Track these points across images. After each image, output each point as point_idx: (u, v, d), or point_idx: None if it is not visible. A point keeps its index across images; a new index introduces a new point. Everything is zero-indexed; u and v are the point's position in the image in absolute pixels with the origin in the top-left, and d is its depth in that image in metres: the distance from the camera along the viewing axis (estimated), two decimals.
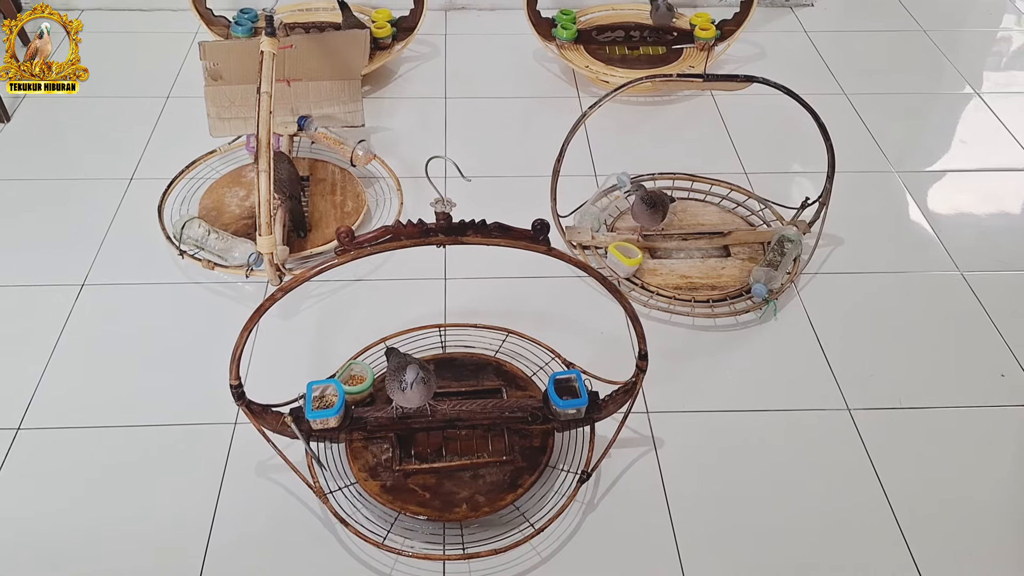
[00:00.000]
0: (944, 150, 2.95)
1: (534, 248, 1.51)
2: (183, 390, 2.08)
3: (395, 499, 1.80)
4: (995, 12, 3.78)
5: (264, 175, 2.07)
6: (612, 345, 2.22)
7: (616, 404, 1.85)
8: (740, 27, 3.20)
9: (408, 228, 1.47)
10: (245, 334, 1.58)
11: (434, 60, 3.33)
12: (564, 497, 1.85)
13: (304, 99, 2.64)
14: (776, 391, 2.13)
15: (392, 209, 2.59)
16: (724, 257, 2.46)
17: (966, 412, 2.09)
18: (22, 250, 2.43)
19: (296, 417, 1.77)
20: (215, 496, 1.87)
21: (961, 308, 2.36)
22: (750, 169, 2.79)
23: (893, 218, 2.65)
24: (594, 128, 2.91)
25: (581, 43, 3.24)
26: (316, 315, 2.28)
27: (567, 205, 2.51)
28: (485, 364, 2.10)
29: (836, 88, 3.22)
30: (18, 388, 2.07)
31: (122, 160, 2.74)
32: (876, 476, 1.95)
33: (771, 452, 2.00)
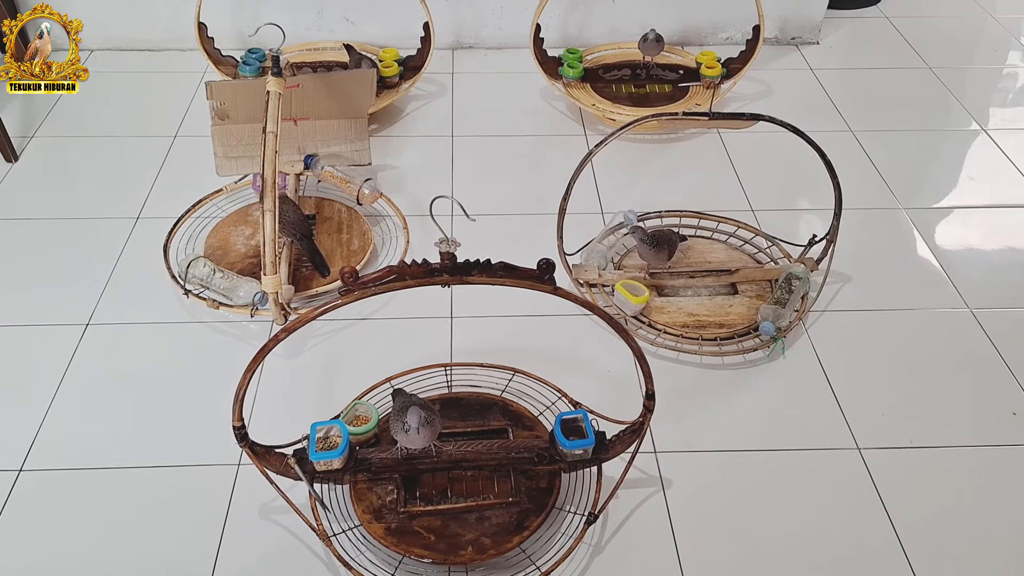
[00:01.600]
0: (952, 186, 2.95)
1: (540, 288, 1.50)
2: (187, 431, 2.07)
3: (400, 542, 1.78)
4: (1001, 49, 3.79)
5: (269, 214, 2.07)
6: (619, 384, 2.20)
7: (623, 444, 1.83)
8: (746, 65, 3.21)
9: (413, 268, 1.46)
10: (248, 375, 1.57)
11: (441, 98, 3.34)
12: (571, 539, 1.83)
13: (311, 138, 2.65)
14: (785, 430, 2.11)
15: (399, 247, 2.58)
16: (732, 295, 2.44)
17: (978, 451, 2.07)
18: (28, 289, 2.42)
19: (299, 459, 1.76)
20: (218, 538, 1.85)
21: (972, 346, 2.34)
22: (757, 206, 2.78)
23: (901, 255, 2.64)
24: (601, 166, 2.91)
25: (588, 81, 3.26)
26: (321, 354, 2.27)
27: (574, 243, 2.50)
28: (491, 404, 2.08)
29: (843, 125, 3.22)
30: (21, 429, 2.06)
31: (129, 199, 2.74)
32: (887, 516, 1.92)
33: (780, 492, 1.97)
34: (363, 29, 3.53)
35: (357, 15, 3.51)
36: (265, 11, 3.44)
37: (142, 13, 3.47)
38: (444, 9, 3.49)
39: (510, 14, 3.56)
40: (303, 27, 3.50)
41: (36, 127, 3.07)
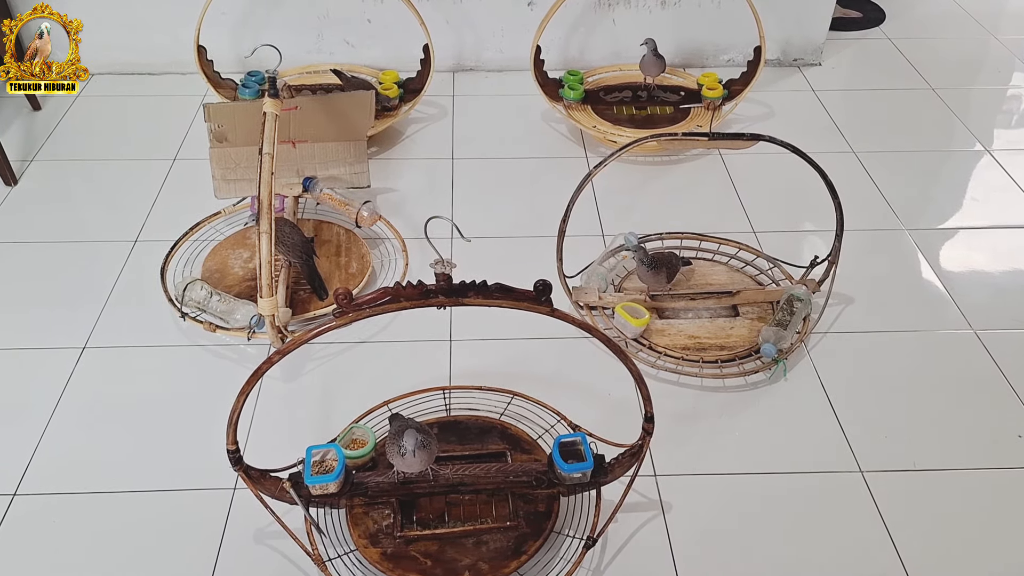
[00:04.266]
0: (955, 208, 2.93)
1: (536, 309, 1.48)
2: (183, 454, 2.05)
3: (396, 567, 1.76)
4: (1004, 70, 3.78)
5: (265, 236, 2.05)
6: (619, 407, 2.18)
7: (623, 467, 1.81)
8: (747, 86, 3.20)
9: (408, 290, 1.44)
10: (242, 398, 1.55)
11: (442, 121, 3.33)
12: (570, 563, 1.80)
13: (310, 160, 2.65)
14: (787, 453, 2.08)
15: (397, 270, 2.57)
16: (733, 317, 2.42)
17: (982, 474, 2.04)
18: (25, 312, 2.42)
19: (295, 483, 1.74)
20: (213, 563, 1.83)
21: (976, 368, 2.32)
22: (759, 228, 2.77)
23: (905, 276, 2.62)
24: (602, 188, 2.90)
25: (588, 103, 3.25)
26: (319, 378, 2.25)
27: (575, 265, 2.49)
28: (490, 427, 2.06)
29: (845, 147, 3.21)
30: (16, 453, 2.05)
31: (127, 222, 2.74)
32: (891, 539, 1.89)
33: (782, 515, 1.95)
34: (363, 52, 3.53)
35: (357, 38, 3.51)
36: (265, 34, 3.45)
37: (142, 38, 3.47)
38: (444, 31, 3.49)
39: (511, 36, 3.56)
40: (303, 50, 3.50)
41: (36, 151, 3.07)
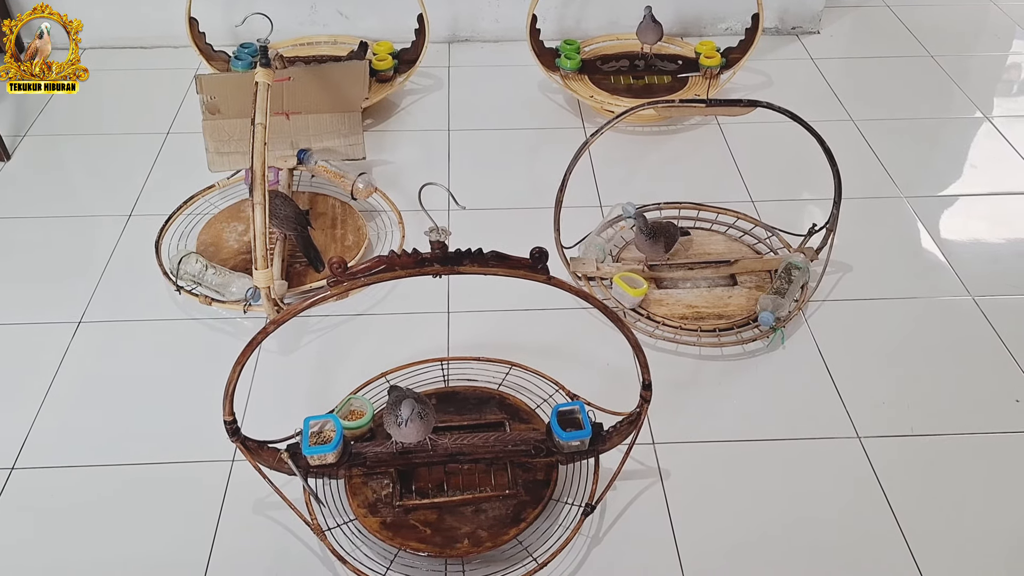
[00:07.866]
0: (955, 175, 2.92)
1: (533, 277, 1.47)
2: (180, 427, 2.05)
3: (395, 535, 1.76)
4: (1004, 37, 3.75)
5: (259, 207, 2.04)
6: (618, 376, 2.18)
7: (621, 435, 1.81)
8: (745, 55, 3.17)
9: (403, 258, 1.43)
10: (238, 368, 1.55)
11: (437, 92, 3.32)
12: (568, 531, 1.81)
13: (304, 132, 2.63)
14: (784, 420, 2.08)
15: (394, 243, 2.56)
16: (731, 286, 2.42)
17: (980, 439, 2.04)
18: (20, 287, 2.41)
19: (293, 453, 1.74)
20: (212, 534, 1.83)
21: (973, 334, 2.32)
22: (757, 197, 2.75)
23: (903, 244, 2.61)
24: (599, 158, 2.88)
25: (585, 73, 3.22)
26: (316, 350, 2.25)
27: (573, 236, 2.48)
28: (488, 398, 2.05)
29: (844, 115, 3.19)
30: (13, 427, 2.04)
31: (121, 196, 2.73)
32: (888, 504, 1.89)
33: (779, 482, 1.95)
34: (357, 23, 3.51)
35: (351, 9, 3.48)
36: (258, 5, 3.40)
37: (133, 11, 3.45)
38: (439, 1, 3.46)
39: (506, 6, 3.54)
40: (296, 22, 3.48)
41: (28, 126, 3.05)
